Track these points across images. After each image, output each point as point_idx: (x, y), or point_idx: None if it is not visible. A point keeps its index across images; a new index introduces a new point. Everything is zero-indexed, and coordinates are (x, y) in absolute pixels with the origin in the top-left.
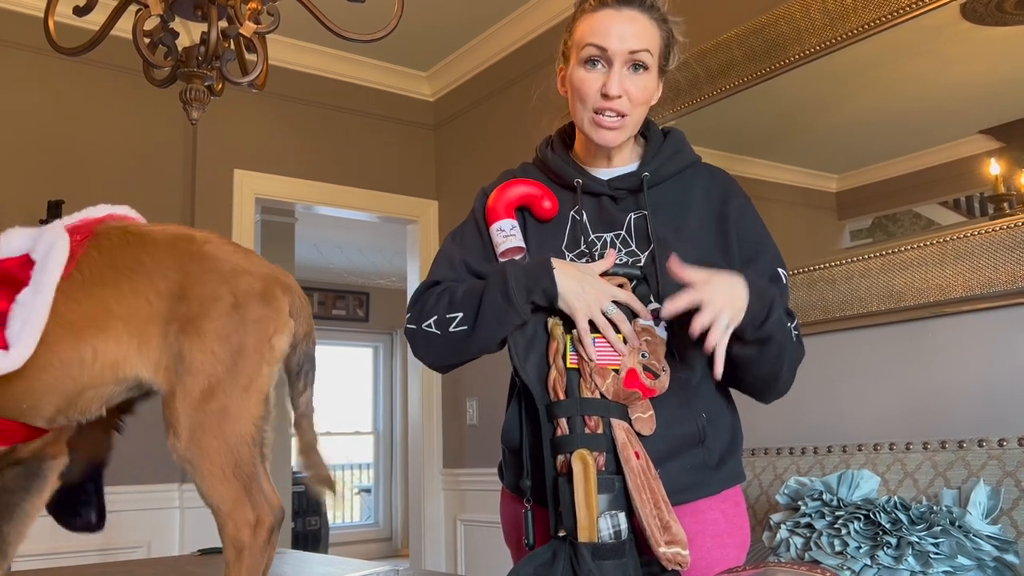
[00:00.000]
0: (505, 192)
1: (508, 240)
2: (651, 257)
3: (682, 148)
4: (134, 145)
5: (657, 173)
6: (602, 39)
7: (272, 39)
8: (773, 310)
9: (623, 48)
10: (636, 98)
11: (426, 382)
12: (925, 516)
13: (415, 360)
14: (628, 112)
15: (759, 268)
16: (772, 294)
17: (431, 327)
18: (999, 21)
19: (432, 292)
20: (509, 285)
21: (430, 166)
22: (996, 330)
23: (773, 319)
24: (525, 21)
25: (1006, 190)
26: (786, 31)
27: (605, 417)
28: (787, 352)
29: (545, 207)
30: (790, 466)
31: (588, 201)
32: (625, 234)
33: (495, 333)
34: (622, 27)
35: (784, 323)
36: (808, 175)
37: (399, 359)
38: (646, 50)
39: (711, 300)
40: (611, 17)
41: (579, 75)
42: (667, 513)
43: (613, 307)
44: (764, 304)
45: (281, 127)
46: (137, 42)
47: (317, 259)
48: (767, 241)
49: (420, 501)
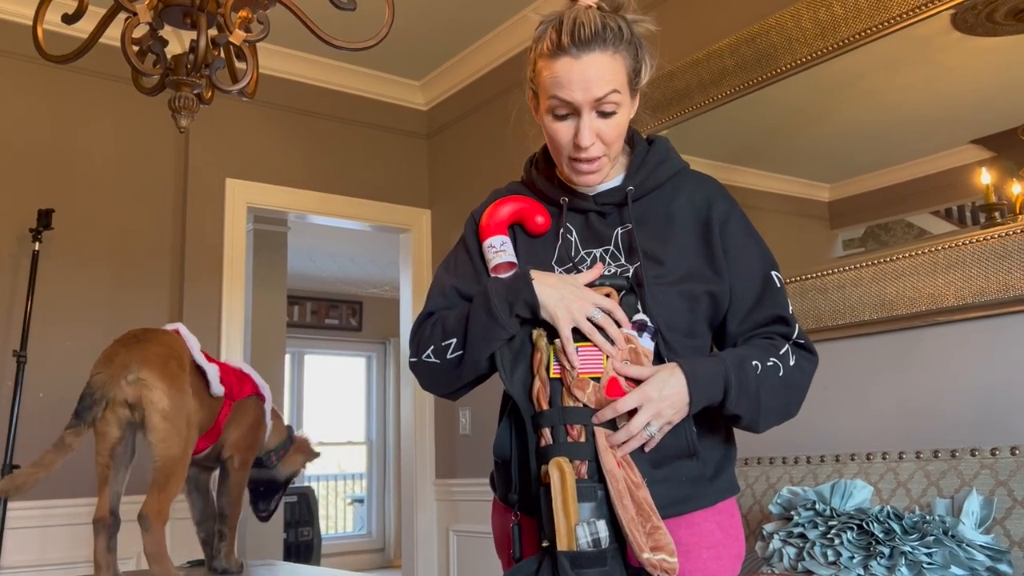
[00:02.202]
0: (498, 209)
1: (499, 255)
2: (639, 270)
3: (667, 157)
4: (125, 154)
5: (642, 185)
6: (566, 92)
7: (265, 48)
8: (730, 394)
9: (588, 98)
10: (609, 137)
11: (419, 392)
12: (918, 526)
13: (408, 369)
14: (603, 154)
15: (744, 274)
16: (727, 378)
17: (430, 357)
18: (989, 31)
19: (427, 323)
20: (491, 301)
21: (423, 175)
22: (988, 339)
23: (733, 399)
24: (519, 30)
25: (997, 199)
26: (777, 41)
27: (588, 426)
28: (765, 409)
29: (538, 222)
30: (783, 475)
31: (575, 218)
32: (614, 249)
33: (483, 350)
34: (584, 75)
35: (756, 393)
36: (800, 184)
37: (392, 368)
38: (613, 91)
39: (646, 405)
40: (570, 67)
41: (550, 125)
42: (654, 520)
43: (599, 312)
44: (714, 391)
45: (274, 136)
46: (125, 49)
47: (310, 268)
48: (752, 246)
49: (413, 511)
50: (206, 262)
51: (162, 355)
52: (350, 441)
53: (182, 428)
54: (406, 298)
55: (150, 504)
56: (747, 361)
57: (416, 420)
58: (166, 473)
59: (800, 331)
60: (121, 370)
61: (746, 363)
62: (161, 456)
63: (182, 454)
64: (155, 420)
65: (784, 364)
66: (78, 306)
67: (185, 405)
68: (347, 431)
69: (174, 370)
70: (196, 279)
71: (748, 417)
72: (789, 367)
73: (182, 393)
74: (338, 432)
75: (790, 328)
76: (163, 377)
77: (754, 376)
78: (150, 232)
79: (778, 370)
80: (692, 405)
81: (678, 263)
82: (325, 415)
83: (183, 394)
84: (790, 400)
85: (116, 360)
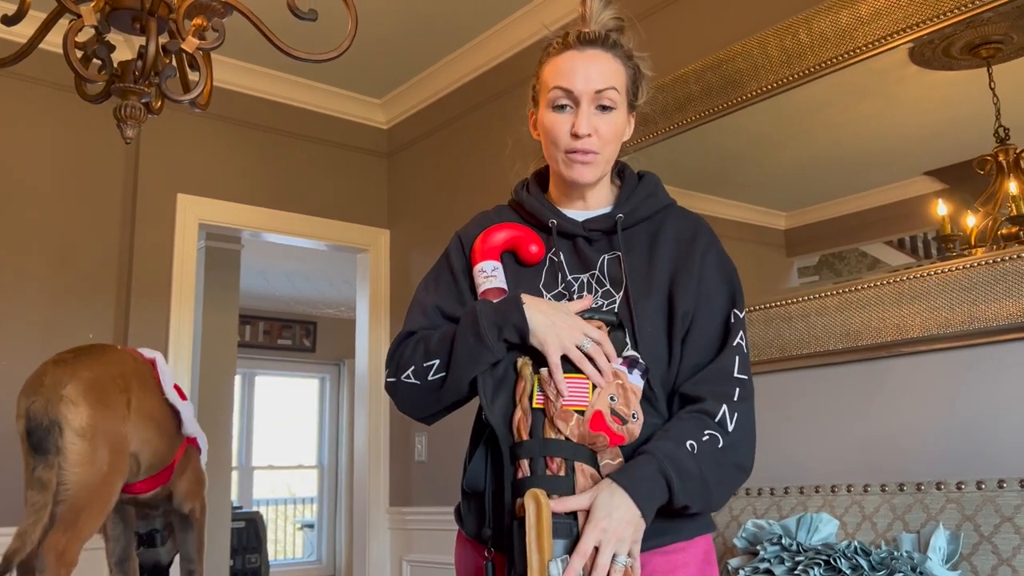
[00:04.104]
0: (493, 235)
1: (489, 280)
2: (625, 298)
3: (656, 192)
4: (70, 166)
5: (631, 215)
6: (567, 81)
7: (222, 61)
8: (674, 488)
9: (589, 88)
10: (606, 135)
11: (373, 415)
12: (886, 562)
13: (362, 392)
14: (599, 150)
15: (706, 309)
16: (665, 474)
17: (410, 378)
18: (945, 66)
19: (408, 343)
20: (480, 324)
21: (382, 194)
22: (953, 371)
23: (678, 491)
24: (482, 51)
25: (952, 231)
26: (743, 68)
27: (569, 460)
28: (715, 488)
29: (532, 251)
30: (747, 507)
31: (563, 242)
32: (599, 274)
33: (468, 373)
34: (586, 67)
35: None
36: (758, 212)
37: (346, 391)
38: (612, 88)
39: (604, 539)
40: (574, 58)
41: (549, 118)
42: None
43: (588, 341)
44: (659, 492)
45: (229, 151)
46: (68, 54)
47: (263, 287)
48: (722, 283)
49: (365, 539)
50: (155, 280)
51: (98, 372)
52: (301, 465)
53: (102, 454)
54: (362, 319)
55: (52, 543)
56: (680, 446)
57: (370, 445)
58: (75, 507)
59: (739, 381)
60: (54, 388)
61: (680, 448)
62: (72, 484)
63: (100, 484)
64: (68, 439)
65: (722, 431)
66: (13, 327)
67: (113, 428)
68: (298, 454)
69: (106, 387)
70: (144, 298)
71: (701, 503)
72: (728, 432)
73: (109, 412)
74: (289, 455)
75: (729, 387)
76: (88, 393)
77: (691, 459)
78: (95, 248)
79: (716, 441)
80: (645, 516)
81: (656, 296)
82: (276, 438)
83: (111, 415)
84: (739, 462)
85: (46, 381)
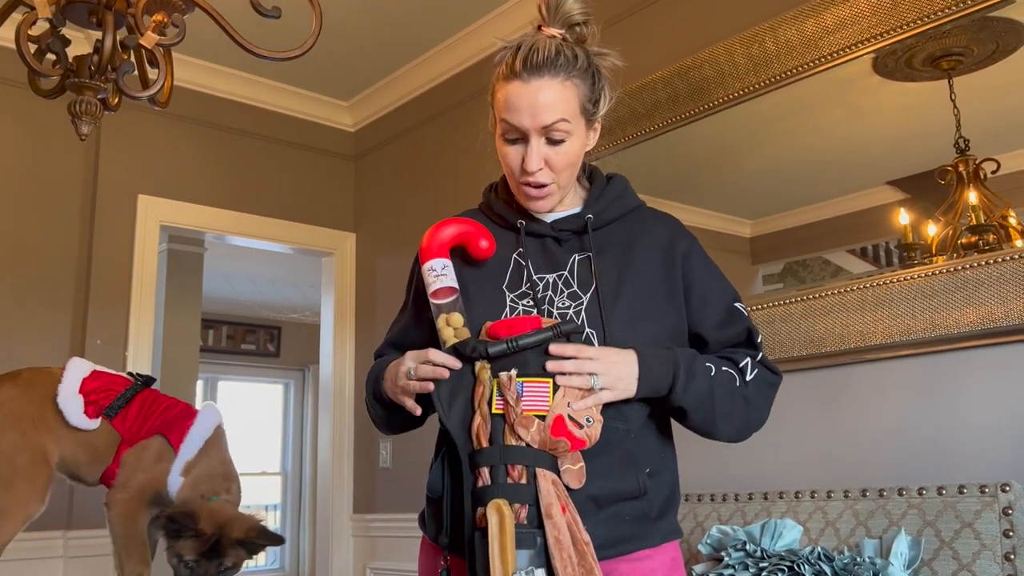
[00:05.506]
0: (439, 231)
1: (439, 280)
2: (595, 298)
3: (624, 194)
4: (27, 165)
5: (601, 216)
6: (515, 117)
7: (186, 60)
8: (677, 384)
9: (536, 124)
10: (558, 165)
11: (338, 422)
12: (848, 568)
13: (327, 398)
14: (551, 180)
15: (710, 307)
16: (675, 366)
17: (369, 401)
18: (908, 76)
19: (373, 366)
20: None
21: (349, 198)
22: (915, 377)
23: (680, 390)
24: (450, 55)
25: (914, 239)
26: (711, 75)
27: (530, 467)
28: (718, 412)
29: (482, 246)
30: (711, 513)
31: (531, 243)
32: (568, 275)
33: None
34: (532, 101)
35: (708, 391)
36: (723, 220)
37: (311, 396)
38: (561, 119)
39: (602, 357)
40: (520, 91)
41: (502, 148)
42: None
43: (413, 367)
44: (663, 377)
45: (192, 152)
46: (21, 47)
47: (227, 291)
48: (715, 281)
49: (328, 546)
50: (114, 283)
51: None
52: (264, 471)
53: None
54: (327, 324)
55: None
56: (700, 361)
57: (334, 451)
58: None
59: (764, 356)
60: None
61: (698, 361)
62: None
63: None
64: None
65: (741, 376)
66: None
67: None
68: (261, 461)
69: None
70: (103, 300)
71: (700, 415)
72: (746, 380)
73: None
74: (252, 462)
75: (755, 350)
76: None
77: (706, 375)
78: (53, 250)
79: (734, 380)
80: (640, 384)
81: (635, 296)
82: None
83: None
84: (748, 410)
85: None
